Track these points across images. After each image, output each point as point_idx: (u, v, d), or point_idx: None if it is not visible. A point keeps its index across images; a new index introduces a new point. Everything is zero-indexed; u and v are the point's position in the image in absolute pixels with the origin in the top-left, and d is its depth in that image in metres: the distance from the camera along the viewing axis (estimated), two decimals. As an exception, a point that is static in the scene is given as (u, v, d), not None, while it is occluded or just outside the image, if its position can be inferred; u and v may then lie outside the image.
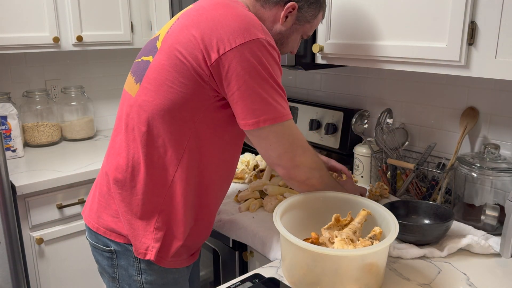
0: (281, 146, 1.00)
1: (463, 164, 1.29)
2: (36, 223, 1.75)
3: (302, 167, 1.04)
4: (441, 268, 1.07)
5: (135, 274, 1.08)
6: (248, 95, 0.94)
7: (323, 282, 0.91)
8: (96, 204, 1.13)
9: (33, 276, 1.78)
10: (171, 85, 0.97)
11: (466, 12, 1.04)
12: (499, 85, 1.35)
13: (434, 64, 1.15)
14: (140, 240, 1.05)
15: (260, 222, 1.31)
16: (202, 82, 0.96)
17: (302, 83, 2.00)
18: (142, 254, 1.05)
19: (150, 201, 1.05)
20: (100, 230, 1.11)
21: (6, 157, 1.62)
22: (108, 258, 1.11)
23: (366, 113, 1.66)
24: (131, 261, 1.08)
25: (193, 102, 0.98)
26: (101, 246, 1.11)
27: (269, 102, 0.95)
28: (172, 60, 0.97)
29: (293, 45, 1.17)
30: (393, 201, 1.25)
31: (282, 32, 1.11)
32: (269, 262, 1.13)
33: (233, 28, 0.93)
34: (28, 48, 1.89)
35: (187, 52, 0.96)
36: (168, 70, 0.98)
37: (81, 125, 2.25)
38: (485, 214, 1.23)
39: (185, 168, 1.03)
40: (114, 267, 1.11)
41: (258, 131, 0.98)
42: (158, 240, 1.05)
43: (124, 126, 1.07)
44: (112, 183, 1.08)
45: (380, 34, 1.25)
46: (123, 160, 1.06)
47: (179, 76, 0.97)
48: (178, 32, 1.00)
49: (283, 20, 1.09)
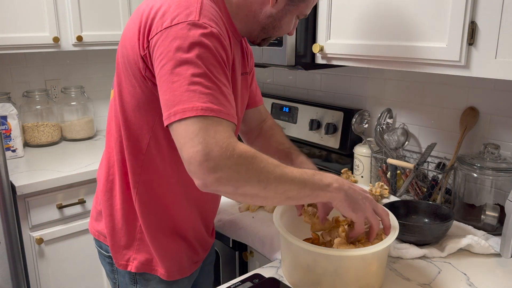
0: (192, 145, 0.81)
1: (463, 164, 1.29)
2: (36, 223, 1.75)
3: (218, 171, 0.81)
4: (441, 268, 1.07)
5: (130, 283, 1.07)
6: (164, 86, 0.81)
7: (323, 282, 0.91)
8: (94, 209, 1.14)
9: (33, 276, 1.78)
10: (125, 85, 0.94)
11: (466, 12, 1.04)
12: (499, 85, 1.35)
13: (434, 64, 1.15)
14: (121, 251, 1.03)
15: (260, 222, 1.31)
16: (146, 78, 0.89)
17: (302, 83, 2.00)
18: (123, 265, 1.04)
19: (126, 209, 1.02)
20: (100, 237, 1.10)
21: (6, 157, 1.62)
22: (109, 264, 1.10)
23: (366, 113, 1.66)
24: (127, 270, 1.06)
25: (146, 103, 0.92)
26: (103, 251, 1.11)
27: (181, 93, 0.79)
28: (123, 59, 0.93)
29: (288, 27, 1.03)
30: (393, 201, 1.25)
31: (273, 15, 0.98)
32: (269, 262, 1.13)
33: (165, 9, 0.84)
34: (28, 48, 1.89)
35: (130, 46, 0.90)
36: (121, 70, 0.95)
37: (81, 125, 2.24)
38: (485, 214, 1.23)
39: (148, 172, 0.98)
40: (114, 273, 1.09)
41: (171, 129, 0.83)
42: (138, 251, 1.03)
43: (108, 132, 1.06)
44: (99, 191, 1.08)
45: (380, 34, 1.25)
46: (105, 169, 1.05)
47: (128, 75, 0.93)
48: (126, 27, 0.95)
49: (273, 2, 0.96)
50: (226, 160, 0.75)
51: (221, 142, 0.76)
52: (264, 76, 2.20)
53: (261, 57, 1.54)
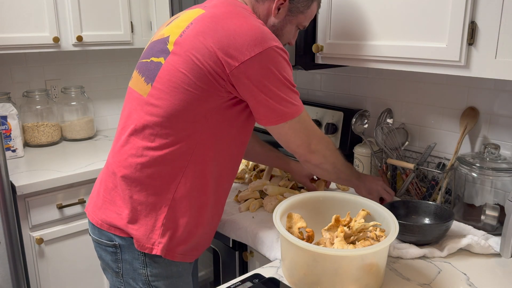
0: (299, 138, 1.11)
1: (463, 164, 1.29)
2: (36, 223, 1.75)
3: (317, 153, 1.15)
4: (441, 268, 1.07)
5: (140, 267, 1.10)
6: (269, 98, 1.03)
7: (323, 282, 0.91)
8: (101, 200, 1.15)
9: (33, 276, 1.78)
10: (187, 87, 1.01)
11: (466, 12, 1.04)
12: (499, 85, 1.35)
13: (434, 64, 1.15)
14: (148, 235, 1.07)
15: (260, 222, 1.31)
16: (218, 85, 1.02)
17: (302, 83, 2.00)
18: (148, 249, 1.07)
19: (158, 198, 1.07)
20: (104, 226, 1.12)
21: (6, 157, 1.62)
22: (112, 253, 1.12)
23: (366, 113, 1.66)
24: (136, 255, 1.09)
25: (207, 103, 1.03)
26: (105, 241, 1.12)
27: (286, 101, 1.05)
28: (188, 65, 1.01)
29: (289, 37, 1.20)
30: (393, 201, 1.25)
31: (276, 25, 1.15)
32: (269, 262, 1.13)
33: (250, 38, 0.99)
34: (28, 48, 1.89)
35: (204, 59, 1.00)
36: (184, 74, 1.01)
37: (81, 125, 2.25)
38: (485, 214, 1.23)
39: (195, 164, 1.07)
40: (118, 261, 1.12)
41: (277, 128, 1.09)
42: (164, 235, 1.07)
43: (133, 125, 1.09)
44: (119, 180, 1.10)
45: (380, 34, 1.25)
46: (131, 159, 1.08)
47: (196, 80, 1.01)
48: (193, 38, 1.02)
49: (275, 12, 1.13)
50: (319, 145, 1.15)
51: (316, 133, 1.14)
52: (264, 76, 2.19)
53: (261, 57, 1.54)
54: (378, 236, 0.99)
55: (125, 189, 1.09)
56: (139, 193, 1.08)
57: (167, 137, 1.05)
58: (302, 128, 1.11)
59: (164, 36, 1.09)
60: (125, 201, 1.09)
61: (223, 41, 0.99)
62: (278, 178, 1.54)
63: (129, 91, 1.15)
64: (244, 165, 1.70)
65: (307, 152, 1.14)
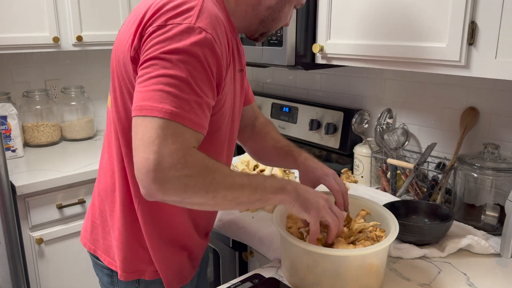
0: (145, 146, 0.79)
1: (463, 164, 1.29)
2: (36, 223, 1.75)
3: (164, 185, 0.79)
4: (441, 268, 1.07)
5: None
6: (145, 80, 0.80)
7: (323, 282, 0.91)
8: (89, 226, 1.08)
9: (33, 276, 1.78)
10: (119, 92, 0.91)
11: (466, 12, 1.04)
12: (499, 85, 1.35)
13: (434, 64, 1.15)
14: (133, 262, 1.00)
15: (260, 222, 1.31)
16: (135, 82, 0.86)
17: (302, 83, 2.00)
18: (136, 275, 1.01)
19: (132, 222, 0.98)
20: (98, 252, 1.06)
21: (6, 157, 1.61)
22: (108, 276, 1.07)
23: (366, 113, 1.66)
24: (130, 282, 1.03)
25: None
26: (101, 263, 1.07)
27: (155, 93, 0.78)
28: (117, 62, 0.91)
29: (285, 18, 1.01)
30: (393, 201, 1.25)
31: (273, 6, 0.96)
32: (269, 262, 1.13)
33: (161, 8, 0.82)
34: (28, 48, 1.89)
35: (123, 49, 0.87)
36: (116, 74, 0.92)
37: (81, 125, 2.24)
38: (485, 214, 1.23)
39: None
40: (114, 284, 1.06)
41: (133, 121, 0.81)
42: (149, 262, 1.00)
43: (106, 143, 1.01)
44: (102, 204, 1.03)
45: (380, 34, 1.25)
46: (107, 179, 1.00)
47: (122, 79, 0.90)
48: (121, 31, 0.93)
49: None
50: (175, 172, 0.74)
51: (175, 153, 0.74)
52: (264, 76, 2.20)
53: (261, 57, 1.54)
54: (378, 236, 0.99)
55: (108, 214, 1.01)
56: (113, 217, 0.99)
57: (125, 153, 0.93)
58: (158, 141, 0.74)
59: None
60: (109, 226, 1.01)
61: (138, 20, 0.83)
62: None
63: None
64: (244, 165, 1.70)
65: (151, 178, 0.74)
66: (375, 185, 1.60)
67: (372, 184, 1.60)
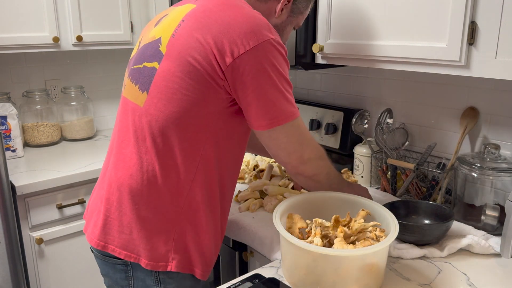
0: (291, 145, 1.03)
1: (463, 164, 1.29)
2: (36, 223, 1.75)
3: (309, 164, 1.08)
4: (441, 268, 1.06)
5: (153, 284, 1.04)
6: (261, 97, 0.95)
7: (323, 282, 0.91)
8: (101, 221, 1.06)
9: (33, 276, 1.78)
10: (186, 92, 0.95)
11: (466, 12, 1.04)
12: (499, 85, 1.35)
13: (434, 64, 1.15)
14: (160, 253, 1.02)
15: (260, 222, 1.31)
16: (217, 86, 0.95)
17: (302, 83, 2.00)
18: (162, 266, 1.02)
19: (168, 213, 1.01)
20: (109, 248, 1.05)
21: (6, 157, 1.62)
22: (122, 271, 1.06)
23: (366, 113, 1.66)
24: (149, 272, 1.03)
25: (207, 107, 0.97)
26: (113, 259, 1.06)
27: (280, 102, 0.98)
28: (184, 67, 0.95)
29: (287, 37, 1.18)
30: (393, 201, 1.25)
31: (278, 25, 1.11)
32: (269, 262, 1.13)
33: (245, 30, 0.93)
34: (28, 48, 1.89)
35: (200, 57, 0.94)
36: (181, 77, 0.95)
37: (81, 125, 2.24)
38: (485, 214, 1.23)
39: (202, 175, 1.02)
40: (129, 279, 1.06)
41: (269, 132, 1.00)
42: (177, 251, 1.02)
43: (134, 138, 1.02)
44: (126, 197, 1.03)
45: (380, 34, 1.25)
46: (137, 173, 1.01)
47: (193, 82, 0.95)
48: (186, 36, 0.96)
49: (279, 13, 1.09)
50: (311, 159, 1.07)
51: (310, 145, 1.07)
52: (264, 76, 2.19)
53: (261, 57, 1.54)
54: (378, 236, 0.99)
55: (131, 207, 1.02)
56: (147, 209, 1.01)
57: (171, 148, 0.99)
58: (297, 135, 1.02)
59: (156, 38, 1.02)
60: (133, 220, 1.02)
61: (218, 35, 0.93)
62: (278, 178, 1.54)
63: (123, 101, 1.08)
64: (244, 165, 1.70)
65: (300, 163, 1.05)
66: (375, 185, 1.60)
67: (372, 184, 1.60)
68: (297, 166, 1.07)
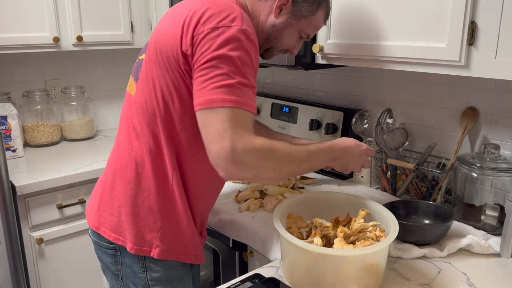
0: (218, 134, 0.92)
1: (463, 164, 1.29)
2: (36, 223, 1.75)
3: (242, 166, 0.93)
4: (441, 268, 1.07)
5: (140, 271, 1.09)
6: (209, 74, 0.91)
7: (323, 282, 0.91)
8: (97, 203, 1.14)
9: (33, 276, 1.78)
10: (161, 78, 1.00)
11: (466, 12, 1.04)
12: (499, 85, 1.35)
13: (434, 64, 1.15)
14: (145, 238, 1.06)
15: (260, 222, 1.31)
16: (184, 72, 0.97)
17: (302, 83, 2.00)
18: (146, 251, 1.06)
19: (155, 199, 1.05)
20: (101, 229, 1.11)
21: (6, 157, 1.62)
22: (112, 255, 1.11)
23: (366, 113, 1.66)
24: (136, 258, 1.08)
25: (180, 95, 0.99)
26: (104, 243, 1.11)
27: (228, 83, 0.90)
28: (157, 54, 1.00)
29: (289, 42, 1.14)
30: (393, 201, 1.25)
31: (276, 25, 1.10)
32: (269, 262, 1.13)
33: (215, 14, 0.94)
34: (28, 48, 1.89)
35: (169, 43, 0.97)
36: (155, 64, 1.00)
37: (81, 125, 2.25)
38: (485, 214, 1.23)
39: (183, 163, 1.05)
40: (118, 264, 1.11)
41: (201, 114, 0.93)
42: (162, 237, 1.06)
43: (126, 126, 1.09)
44: (117, 182, 1.09)
45: (380, 34, 1.25)
46: (127, 159, 1.07)
47: (164, 69, 0.99)
48: (162, 24, 1.03)
49: (277, 12, 1.08)
50: (247, 155, 0.88)
51: (244, 138, 0.89)
52: (264, 76, 2.20)
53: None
54: (378, 236, 0.99)
55: (121, 192, 1.08)
56: (135, 194, 1.06)
57: (156, 136, 1.03)
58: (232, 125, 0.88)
59: None
60: (122, 203, 1.08)
61: (186, 20, 0.95)
62: (278, 178, 1.54)
63: (126, 94, 1.15)
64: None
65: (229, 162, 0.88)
66: (375, 185, 1.60)
67: (372, 184, 1.60)
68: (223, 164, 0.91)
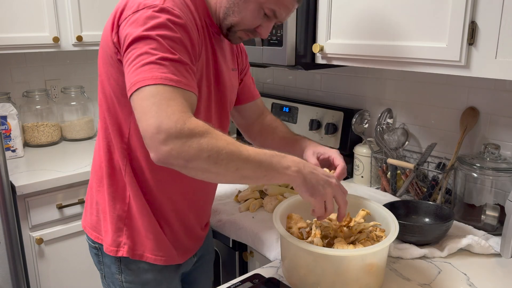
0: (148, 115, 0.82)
1: (463, 164, 1.29)
2: (36, 223, 1.75)
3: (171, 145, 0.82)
4: (441, 268, 1.07)
5: (116, 273, 1.08)
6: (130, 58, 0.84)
7: (323, 282, 0.91)
8: (87, 205, 1.15)
9: (33, 276, 1.78)
10: (107, 75, 0.98)
11: (466, 12, 1.04)
12: (499, 85, 1.35)
13: (434, 64, 1.15)
14: (113, 238, 1.05)
15: (260, 222, 1.31)
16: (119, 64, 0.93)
17: (302, 83, 2.00)
18: (113, 251, 1.05)
19: (117, 198, 1.04)
20: (86, 229, 1.13)
21: (6, 157, 1.62)
22: (96, 255, 1.12)
23: (366, 113, 1.66)
24: (113, 259, 1.07)
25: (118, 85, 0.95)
26: (90, 242, 1.12)
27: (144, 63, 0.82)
28: (101, 51, 0.99)
29: (251, 19, 0.98)
30: (393, 201, 1.25)
31: None
32: (269, 262, 1.13)
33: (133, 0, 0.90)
34: (28, 48, 1.89)
35: (104, 37, 0.96)
36: (100, 61, 0.99)
37: (81, 125, 2.24)
38: (485, 214, 1.23)
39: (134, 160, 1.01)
40: (101, 263, 1.11)
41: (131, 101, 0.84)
42: (129, 236, 1.04)
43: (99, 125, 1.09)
44: (93, 180, 1.10)
45: (380, 34, 1.25)
46: (97, 158, 1.08)
47: (107, 65, 0.97)
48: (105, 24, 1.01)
49: None
50: (176, 133, 0.76)
51: (172, 115, 0.77)
52: (264, 76, 2.20)
53: (261, 57, 1.54)
54: (378, 236, 0.99)
55: (96, 190, 1.08)
56: (105, 192, 1.05)
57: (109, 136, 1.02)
58: (155, 102, 0.78)
59: None
60: (98, 202, 1.08)
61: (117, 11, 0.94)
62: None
63: None
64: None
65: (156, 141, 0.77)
66: (375, 185, 1.60)
67: (372, 184, 1.60)
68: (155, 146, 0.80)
